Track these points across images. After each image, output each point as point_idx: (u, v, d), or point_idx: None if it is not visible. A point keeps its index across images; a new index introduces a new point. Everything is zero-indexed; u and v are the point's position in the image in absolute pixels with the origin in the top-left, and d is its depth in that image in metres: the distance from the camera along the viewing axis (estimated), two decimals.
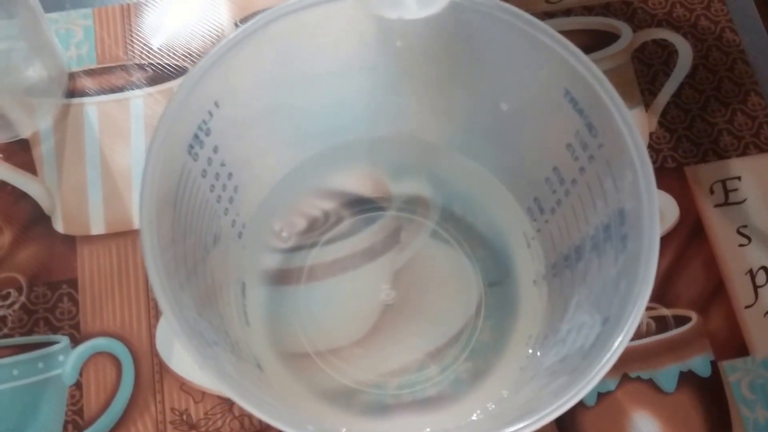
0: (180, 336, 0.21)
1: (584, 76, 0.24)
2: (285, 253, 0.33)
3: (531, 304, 0.31)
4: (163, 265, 0.22)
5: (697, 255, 0.34)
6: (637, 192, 0.23)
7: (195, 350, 0.21)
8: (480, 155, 0.32)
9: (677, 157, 0.36)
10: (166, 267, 0.22)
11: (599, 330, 0.23)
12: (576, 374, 0.21)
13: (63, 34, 0.38)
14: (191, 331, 0.21)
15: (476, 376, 0.30)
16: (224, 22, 0.39)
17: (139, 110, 0.36)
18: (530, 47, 0.23)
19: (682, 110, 0.37)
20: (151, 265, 0.22)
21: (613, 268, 0.24)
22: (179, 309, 0.22)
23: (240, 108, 0.27)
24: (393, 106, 0.31)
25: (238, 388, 0.21)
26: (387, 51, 0.28)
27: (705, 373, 0.32)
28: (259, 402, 0.21)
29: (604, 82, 0.24)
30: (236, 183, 0.29)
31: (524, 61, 0.23)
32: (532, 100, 0.27)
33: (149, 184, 0.23)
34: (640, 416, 0.31)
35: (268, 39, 0.26)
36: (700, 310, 0.33)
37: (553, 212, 0.29)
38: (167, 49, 0.38)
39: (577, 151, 0.26)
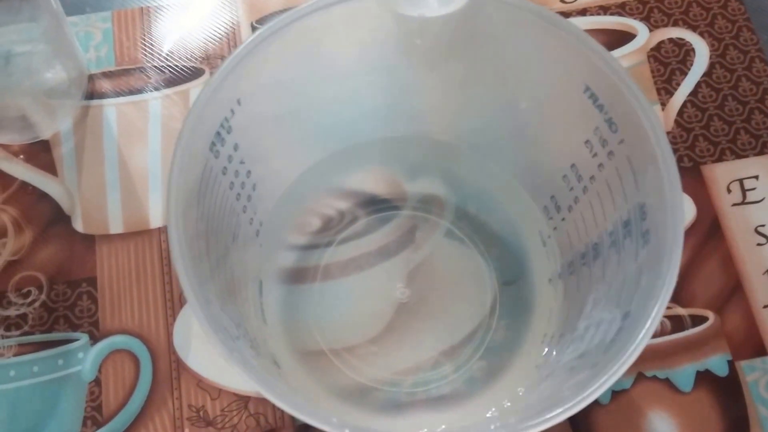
0: (207, 328, 0.21)
1: (605, 71, 0.24)
2: (300, 251, 0.33)
3: (546, 302, 0.31)
4: (190, 259, 0.22)
5: (714, 254, 0.34)
6: (660, 186, 0.23)
7: (221, 343, 0.21)
8: (496, 154, 0.32)
9: (694, 156, 0.36)
10: (193, 261, 0.22)
11: (620, 325, 0.23)
12: (597, 369, 0.21)
13: (82, 37, 0.38)
14: (217, 324, 0.22)
15: (491, 374, 0.30)
16: (240, 24, 0.39)
17: (156, 111, 0.37)
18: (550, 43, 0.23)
19: (698, 109, 0.37)
20: (178, 259, 0.22)
21: (633, 264, 0.24)
22: (206, 302, 0.22)
23: (261, 106, 0.27)
24: (410, 105, 0.31)
25: (264, 380, 0.21)
26: (406, 49, 0.28)
27: (722, 373, 0.32)
28: (284, 394, 0.21)
29: (625, 76, 0.24)
30: (254, 181, 0.29)
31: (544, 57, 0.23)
32: (551, 97, 0.27)
33: (176, 181, 0.23)
34: (655, 415, 0.31)
35: (291, 38, 0.26)
36: (717, 309, 0.33)
37: (570, 210, 0.29)
38: (184, 51, 0.38)
39: (595, 147, 0.26)
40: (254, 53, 0.25)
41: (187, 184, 0.24)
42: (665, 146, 0.23)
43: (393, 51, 0.28)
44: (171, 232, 0.22)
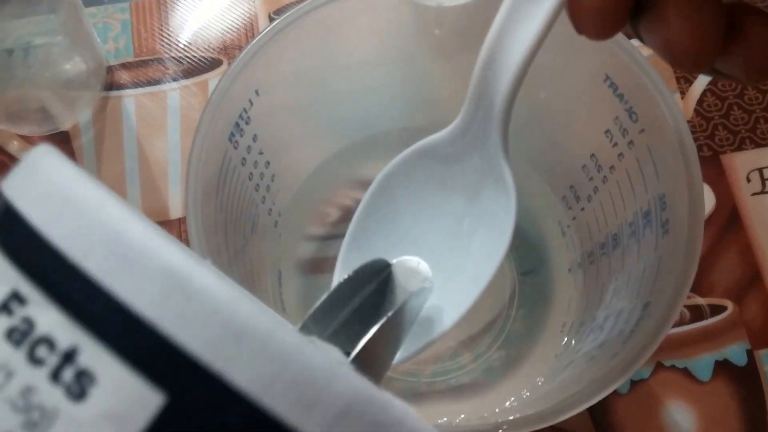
0: None
1: (625, 60, 0.24)
2: (319, 242, 0.33)
3: (566, 292, 0.31)
4: (209, 250, 0.22)
5: (733, 244, 0.34)
6: (680, 176, 0.22)
7: None
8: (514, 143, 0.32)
9: (713, 145, 0.36)
10: (211, 252, 0.23)
11: (639, 315, 0.23)
12: (618, 358, 0.22)
13: (101, 28, 0.38)
14: None
15: (510, 364, 0.31)
16: (258, 14, 0.39)
17: (175, 102, 0.37)
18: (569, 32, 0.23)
19: (718, 98, 0.37)
20: (197, 250, 0.22)
21: (653, 254, 0.24)
22: None
23: (279, 97, 0.27)
24: (428, 95, 0.31)
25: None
26: (424, 40, 0.28)
27: (741, 362, 0.32)
28: None
29: (646, 66, 0.24)
30: (273, 171, 0.29)
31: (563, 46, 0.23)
32: (571, 87, 0.27)
33: (195, 171, 0.23)
34: (674, 404, 0.31)
35: (309, 28, 0.26)
36: (736, 298, 0.33)
37: (590, 200, 0.29)
38: (202, 41, 0.38)
39: (615, 137, 0.26)
40: (272, 44, 0.25)
41: (206, 174, 0.24)
42: (686, 136, 0.23)
43: (410, 41, 0.28)
44: (190, 223, 0.23)
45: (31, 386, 0.09)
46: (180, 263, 0.09)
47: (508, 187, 0.23)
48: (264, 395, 0.08)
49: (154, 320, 0.09)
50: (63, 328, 0.09)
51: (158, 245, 0.09)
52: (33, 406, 0.09)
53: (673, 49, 0.16)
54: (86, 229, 0.09)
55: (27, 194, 0.10)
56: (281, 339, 0.09)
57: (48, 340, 0.09)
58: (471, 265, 0.24)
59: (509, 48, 0.19)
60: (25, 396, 0.09)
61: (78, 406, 0.08)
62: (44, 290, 0.09)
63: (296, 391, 0.09)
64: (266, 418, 0.08)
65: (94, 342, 0.09)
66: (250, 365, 0.08)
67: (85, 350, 0.09)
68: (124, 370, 0.09)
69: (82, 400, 0.08)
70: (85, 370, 0.09)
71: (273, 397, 0.08)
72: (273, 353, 0.09)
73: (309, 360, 0.09)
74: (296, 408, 0.08)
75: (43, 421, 0.08)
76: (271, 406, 0.08)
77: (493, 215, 0.24)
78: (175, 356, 0.08)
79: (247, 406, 0.08)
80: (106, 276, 0.09)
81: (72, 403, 0.08)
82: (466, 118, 0.23)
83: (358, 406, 0.09)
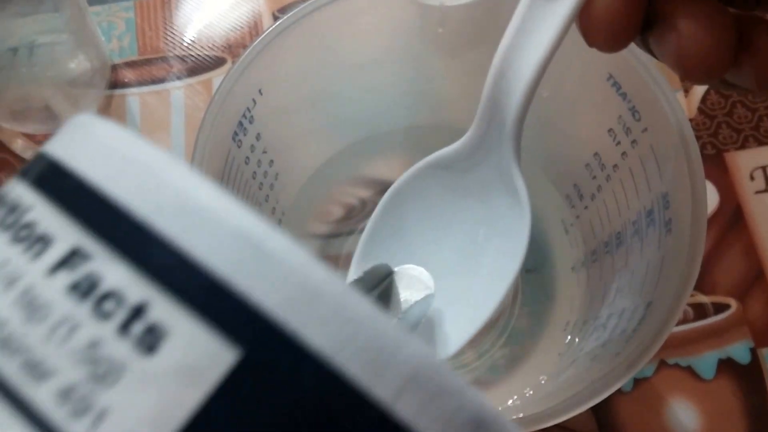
0: None
1: (628, 59, 0.24)
2: (323, 240, 0.33)
3: (569, 290, 0.31)
4: None
5: (737, 242, 0.34)
6: (683, 175, 0.23)
7: None
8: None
9: (717, 143, 0.36)
10: None
11: (643, 314, 0.23)
12: (621, 357, 0.22)
13: (105, 27, 0.38)
14: None
15: (513, 362, 0.31)
16: (262, 13, 0.39)
17: (179, 101, 0.37)
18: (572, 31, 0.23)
19: (722, 96, 0.37)
20: None
21: (656, 253, 0.24)
22: None
23: (283, 96, 0.27)
24: (432, 93, 0.31)
25: None
26: (428, 38, 0.28)
27: (744, 361, 0.32)
28: None
29: (648, 65, 0.24)
30: (277, 170, 0.29)
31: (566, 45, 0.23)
32: (574, 86, 0.27)
33: (198, 170, 0.23)
34: (677, 403, 0.31)
35: (312, 27, 0.26)
36: (740, 297, 0.33)
37: (593, 198, 0.29)
38: (206, 40, 0.38)
39: (619, 135, 0.26)
40: (275, 43, 0.25)
41: (209, 173, 0.24)
42: (689, 135, 0.23)
43: (415, 40, 0.28)
44: None
45: (97, 339, 0.09)
46: (254, 224, 0.09)
47: (521, 198, 0.23)
48: (336, 356, 0.09)
49: (229, 278, 0.09)
50: (131, 284, 0.09)
51: (231, 205, 0.09)
52: (100, 359, 0.09)
53: (683, 61, 0.16)
54: (154, 188, 0.09)
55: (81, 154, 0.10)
56: (354, 303, 0.09)
57: (115, 295, 0.09)
58: (485, 276, 0.25)
59: (520, 62, 0.20)
60: (92, 349, 0.09)
61: (148, 360, 0.08)
62: (109, 247, 0.09)
63: (368, 355, 0.09)
64: (338, 378, 0.09)
65: (165, 298, 0.09)
66: (324, 327, 0.09)
67: (155, 305, 0.09)
68: (197, 326, 0.09)
69: (152, 354, 0.09)
70: (155, 324, 0.09)
71: (345, 358, 0.09)
72: (346, 316, 0.09)
73: (380, 325, 0.09)
74: (367, 371, 0.09)
75: (110, 374, 0.08)
76: (344, 367, 0.09)
77: (507, 226, 0.24)
78: (251, 314, 0.09)
79: (319, 366, 0.09)
80: (179, 234, 0.09)
81: (142, 357, 0.08)
82: (478, 131, 0.23)
83: (425, 372, 0.09)
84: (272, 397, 0.08)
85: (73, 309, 0.09)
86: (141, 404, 0.08)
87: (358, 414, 0.09)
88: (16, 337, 0.09)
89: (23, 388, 0.09)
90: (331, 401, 0.09)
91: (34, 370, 0.09)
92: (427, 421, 0.09)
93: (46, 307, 0.09)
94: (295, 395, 0.08)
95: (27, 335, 0.09)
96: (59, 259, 0.09)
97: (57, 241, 0.09)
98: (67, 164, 0.10)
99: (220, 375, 0.08)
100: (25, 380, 0.09)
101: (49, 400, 0.08)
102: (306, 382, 0.08)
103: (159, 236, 0.09)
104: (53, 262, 0.09)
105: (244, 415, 0.08)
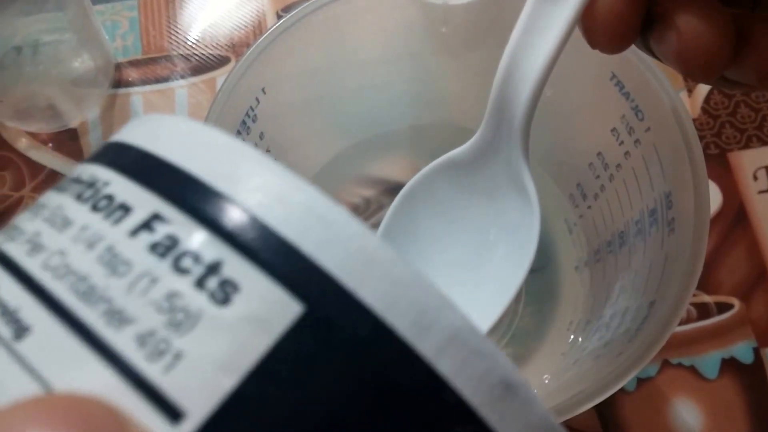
0: None
1: (630, 58, 0.24)
2: None
3: (572, 290, 0.31)
4: None
5: (740, 242, 0.34)
6: (686, 175, 0.23)
7: None
8: None
9: (720, 143, 0.36)
10: None
11: (645, 313, 0.23)
12: (623, 357, 0.22)
13: (109, 26, 0.38)
14: None
15: (517, 361, 0.31)
16: (265, 11, 0.39)
17: (182, 100, 0.37)
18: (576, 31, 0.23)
19: (725, 96, 0.37)
20: None
21: (659, 252, 0.24)
22: None
23: (286, 95, 0.28)
24: (436, 93, 0.31)
25: None
26: (431, 37, 0.28)
27: (747, 360, 0.32)
28: None
29: (651, 64, 0.24)
30: None
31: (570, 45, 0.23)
32: (577, 85, 0.27)
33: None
34: (681, 402, 0.31)
35: (315, 26, 0.26)
36: (743, 296, 0.33)
37: (596, 198, 0.29)
38: (210, 39, 0.38)
39: (622, 135, 0.26)
40: (278, 42, 0.25)
41: None
42: (692, 135, 0.23)
43: (417, 39, 0.28)
44: None
45: (175, 291, 0.10)
46: (318, 197, 0.10)
47: (531, 197, 0.23)
48: (387, 312, 0.10)
49: (297, 242, 0.10)
50: (207, 244, 0.10)
51: (298, 183, 0.10)
52: (177, 308, 0.09)
53: (684, 59, 0.16)
54: (230, 166, 0.10)
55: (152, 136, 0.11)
56: (403, 267, 0.10)
57: (192, 254, 0.10)
58: (495, 276, 0.25)
59: (526, 63, 0.20)
60: (170, 299, 0.10)
61: (222, 309, 0.09)
62: (187, 213, 0.10)
63: (414, 313, 0.10)
64: (389, 332, 0.10)
65: (238, 257, 0.10)
66: (378, 286, 0.10)
67: (229, 263, 0.10)
68: (266, 281, 0.10)
69: (226, 304, 0.09)
70: (229, 279, 0.10)
71: (395, 315, 0.10)
72: (396, 278, 0.10)
73: (426, 287, 0.10)
74: (414, 328, 0.10)
75: (186, 321, 0.09)
76: (393, 322, 0.10)
77: (516, 226, 0.24)
78: (314, 272, 0.10)
79: (373, 320, 0.10)
80: (252, 205, 0.10)
81: (216, 307, 0.09)
82: (487, 131, 0.23)
83: (463, 334, 0.10)
84: (332, 346, 0.09)
85: (153, 265, 0.10)
86: (214, 348, 0.09)
87: (407, 365, 0.10)
88: (98, 289, 0.10)
89: (105, 333, 0.09)
90: (382, 352, 0.10)
91: (115, 317, 0.10)
92: (463, 379, 0.10)
93: (127, 263, 0.10)
94: (352, 345, 0.09)
95: (109, 287, 0.10)
96: (140, 222, 0.10)
97: (136, 209, 0.10)
98: (139, 145, 0.11)
99: (287, 325, 0.09)
100: (107, 326, 0.09)
101: (129, 344, 0.09)
102: (361, 334, 0.10)
103: (233, 205, 0.10)
104: (134, 225, 0.10)
105: (308, 361, 0.09)
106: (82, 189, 0.11)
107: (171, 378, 0.09)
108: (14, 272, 0.10)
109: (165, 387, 0.09)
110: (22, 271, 0.10)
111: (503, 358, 0.10)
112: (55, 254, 0.10)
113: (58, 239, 0.10)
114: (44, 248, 0.10)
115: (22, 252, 0.11)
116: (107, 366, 0.09)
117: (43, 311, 0.10)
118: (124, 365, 0.09)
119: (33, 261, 0.10)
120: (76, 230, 0.10)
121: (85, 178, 0.11)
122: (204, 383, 0.09)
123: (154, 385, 0.09)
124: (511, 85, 0.21)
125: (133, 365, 0.09)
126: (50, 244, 0.10)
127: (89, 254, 0.10)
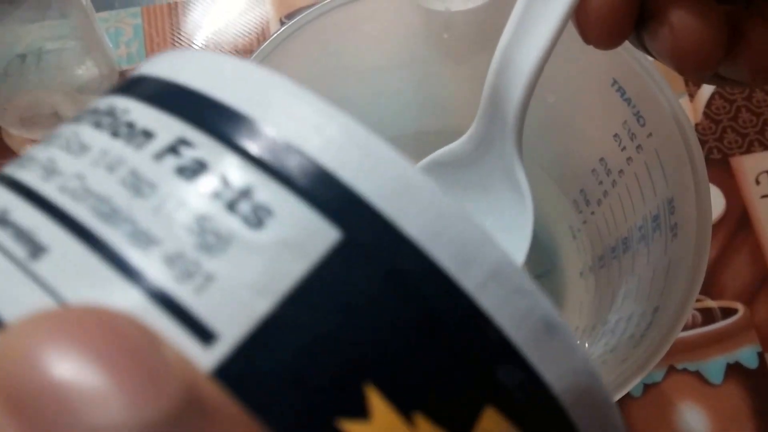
0: None
1: (632, 64, 0.24)
2: None
3: (577, 295, 0.31)
4: None
5: (744, 246, 0.34)
6: (688, 180, 0.23)
7: None
8: (525, 147, 0.32)
9: (722, 148, 0.36)
10: None
11: (650, 319, 0.23)
12: (628, 363, 0.22)
13: (113, 33, 0.39)
14: None
15: None
16: (269, 18, 0.39)
17: None
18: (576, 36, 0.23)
19: (726, 101, 0.37)
20: None
21: (662, 258, 0.24)
22: None
23: None
24: (439, 99, 0.31)
25: None
26: (433, 44, 0.28)
27: (752, 365, 0.32)
28: None
29: (652, 70, 0.24)
30: None
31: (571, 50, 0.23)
32: (579, 91, 0.27)
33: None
34: (687, 407, 0.31)
35: (318, 33, 0.26)
36: (747, 301, 0.33)
37: (600, 203, 0.29)
38: (214, 46, 0.38)
39: (624, 141, 0.26)
40: (281, 48, 0.26)
41: None
42: (693, 140, 0.23)
43: (420, 45, 0.28)
44: None
45: (205, 214, 0.09)
46: (355, 124, 0.10)
47: (523, 191, 0.23)
48: (429, 244, 0.09)
49: (335, 170, 0.09)
50: (238, 169, 0.09)
51: (335, 110, 0.10)
52: (207, 230, 0.09)
53: (677, 55, 0.16)
54: (260, 94, 0.10)
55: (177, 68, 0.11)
56: (445, 200, 0.10)
57: (222, 177, 0.09)
58: None
59: (520, 57, 0.20)
60: (200, 222, 0.09)
61: (254, 233, 0.09)
62: (216, 138, 0.10)
63: (456, 247, 0.09)
64: (431, 265, 0.09)
65: (272, 182, 0.09)
66: (420, 217, 0.09)
67: (262, 189, 0.09)
68: (302, 207, 0.09)
69: (259, 228, 0.09)
70: (262, 204, 0.09)
71: (437, 247, 0.09)
72: (438, 211, 0.09)
73: (468, 222, 0.10)
74: (456, 261, 0.09)
75: (218, 244, 0.09)
76: (435, 255, 0.09)
77: (510, 220, 0.24)
78: (353, 200, 0.09)
79: (414, 252, 0.09)
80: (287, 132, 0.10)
81: (249, 230, 0.09)
82: (480, 126, 0.23)
83: (505, 271, 0.10)
84: (371, 276, 0.09)
85: (181, 188, 0.09)
86: (248, 271, 0.09)
87: (449, 299, 0.09)
88: (122, 210, 0.09)
89: (130, 253, 0.09)
90: (423, 285, 0.09)
91: (141, 237, 0.09)
92: (505, 316, 0.09)
93: (152, 185, 0.09)
94: (392, 276, 0.09)
95: (133, 208, 0.09)
96: (165, 146, 0.10)
97: (160, 134, 0.10)
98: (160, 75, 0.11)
99: (324, 251, 0.09)
100: (132, 247, 0.09)
101: (156, 264, 0.09)
102: (402, 264, 0.09)
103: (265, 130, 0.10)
104: (159, 149, 0.10)
105: (345, 289, 0.09)
106: (99, 117, 0.11)
107: (202, 299, 0.09)
108: (28, 196, 0.10)
109: (196, 308, 0.09)
110: (37, 194, 0.10)
111: (544, 297, 0.10)
112: (73, 177, 0.10)
113: (76, 163, 0.10)
114: (60, 173, 0.10)
115: (36, 177, 0.10)
116: (133, 285, 0.09)
117: (62, 231, 0.09)
118: (152, 285, 0.09)
119: (49, 185, 0.10)
120: (95, 155, 0.10)
121: (102, 107, 0.11)
122: (237, 306, 0.09)
123: (185, 305, 0.09)
124: (504, 80, 0.21)
125: (161, 285, 0.09)
126: (67, 168, 0.10)
127: (110, 177, 0.10)
